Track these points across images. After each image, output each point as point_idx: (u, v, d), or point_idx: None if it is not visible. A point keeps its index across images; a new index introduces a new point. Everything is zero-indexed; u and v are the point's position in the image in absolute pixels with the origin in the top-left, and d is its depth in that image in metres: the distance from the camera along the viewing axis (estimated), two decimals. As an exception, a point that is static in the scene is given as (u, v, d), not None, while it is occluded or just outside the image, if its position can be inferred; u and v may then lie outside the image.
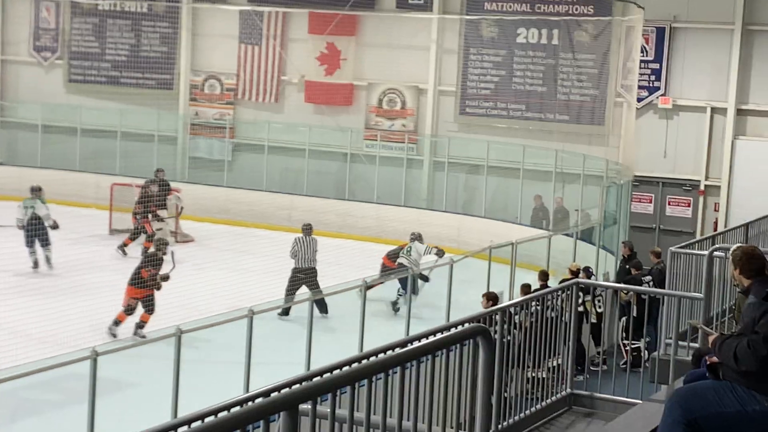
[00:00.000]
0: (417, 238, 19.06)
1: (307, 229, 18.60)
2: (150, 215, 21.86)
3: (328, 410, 3.85)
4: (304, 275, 17.77)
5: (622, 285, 14.87)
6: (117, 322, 15.73)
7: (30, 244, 19.79)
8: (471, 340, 4.78)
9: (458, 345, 4.68)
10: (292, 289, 17.43)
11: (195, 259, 21.03)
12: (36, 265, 19.89)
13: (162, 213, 22.62)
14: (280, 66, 27.53)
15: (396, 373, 4.23)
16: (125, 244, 21.59)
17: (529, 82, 25.09)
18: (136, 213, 22.23)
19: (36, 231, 19.74)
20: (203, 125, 28.25)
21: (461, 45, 25.68)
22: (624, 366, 13.14)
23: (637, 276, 16.79)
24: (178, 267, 17.74)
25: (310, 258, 18.08)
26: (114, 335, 15.32)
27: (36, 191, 20.31)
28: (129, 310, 15.89)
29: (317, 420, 3.96)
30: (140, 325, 15.76)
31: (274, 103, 27.68)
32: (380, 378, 4.16)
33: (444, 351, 4.62)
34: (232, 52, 27.84)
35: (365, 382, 3.96)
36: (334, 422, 3.75)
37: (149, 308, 15.92)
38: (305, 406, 3.63)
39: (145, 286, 16.01)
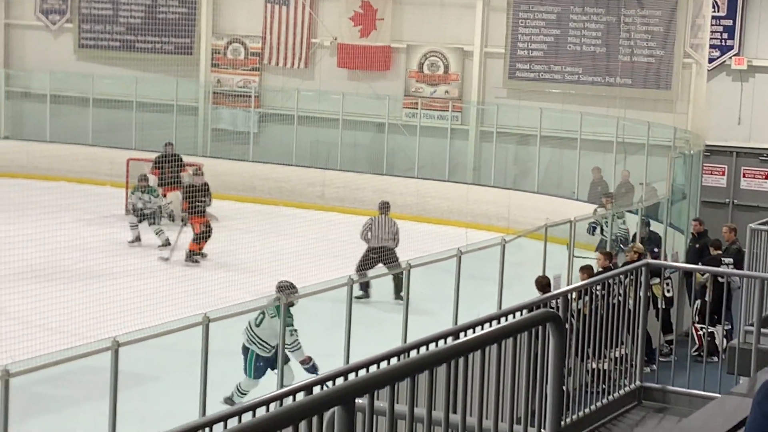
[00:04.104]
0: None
1: (385, 208, 19.08)
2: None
3: (382, 404, 3.83)
4: (377, 255, 18.13)
5: (698, 266, 14.68)
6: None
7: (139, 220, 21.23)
8: (531, 330, 4.76)
9: (525, 332, 4.64)
10: (362, 268, 17.82)
11: (219, 241, 21.10)
12: (137, 239, 21.20)
13: (176, 192, 22.61)
14: (310, 28, 27.50)
15: (451, 364, 4.21)
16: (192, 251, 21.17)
17: (587, 42, 24.91)
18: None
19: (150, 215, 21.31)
20: (226, 94, 28.30)
21: (510, 2, 25.53)
22: (695, 354, 13.06)
23: (717, 256, 16.64)
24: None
25: (386, 238, 18.51)
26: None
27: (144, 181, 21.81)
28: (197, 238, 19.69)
29: (358, 416, 3.94)
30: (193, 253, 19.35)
31: (304, 68, 27.67)
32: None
33: (504, 340, 4.60)
34: (257, 13, 27.84)
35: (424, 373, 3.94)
36: (393, 417, 3.73)
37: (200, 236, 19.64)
38: (360, 401, 3.61)
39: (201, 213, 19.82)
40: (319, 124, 27.10)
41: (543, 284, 13.29)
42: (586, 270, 14.51)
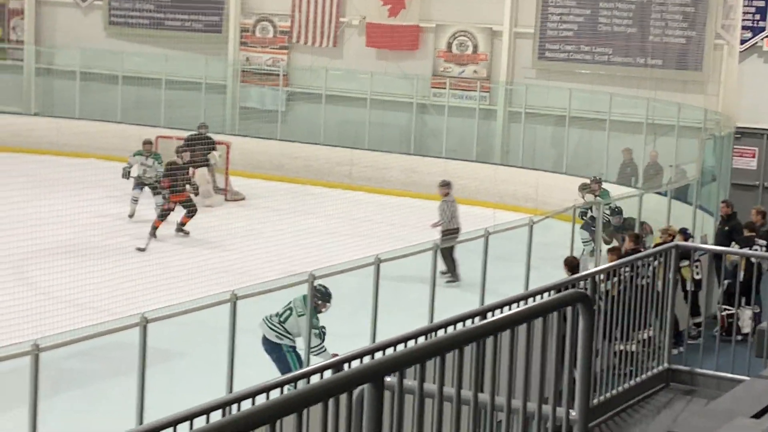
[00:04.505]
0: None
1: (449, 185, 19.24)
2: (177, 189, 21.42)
3: (410, 383, 3.82)
4: (454, 237, 18.10)
5: (728, 249, 14.58)
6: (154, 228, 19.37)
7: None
8: (560, 310, 4.74)
9: (554, 312, 4.62)
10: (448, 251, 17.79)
11: (246, 219, 21.15)
12: (132, 215, 21.40)
13: (202, 170, 22.68)
14: (338, 6, 27.44)
15: (480, 343, 4.20)
16: (155, 227, 20.86)
17: (617, 23, 24.75)
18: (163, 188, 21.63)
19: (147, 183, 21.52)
20: (254, 72, 28.31)
21: (541, -19, 25.40)
22: (721, 335, 12.99)
23: (751, 237, 16.54)
24: (226, 226, 17.93)
25: (458, 218, 18.68)
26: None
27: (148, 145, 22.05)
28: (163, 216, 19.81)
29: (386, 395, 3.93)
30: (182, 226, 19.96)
31: (332, 47, 27.62)
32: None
33: (533, 319, 4.58)
34: (286, -9, 27.82)
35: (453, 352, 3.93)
36: (423, 396, 3.72)
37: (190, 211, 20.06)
38: (389, 379, 3.60)
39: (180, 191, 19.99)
40: (347, 103, 27.07)
41: (573, 265, 13.25)
42: (615, 251, 14.45)
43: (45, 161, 24.91)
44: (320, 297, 12.21)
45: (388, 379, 3.49)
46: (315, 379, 5.98)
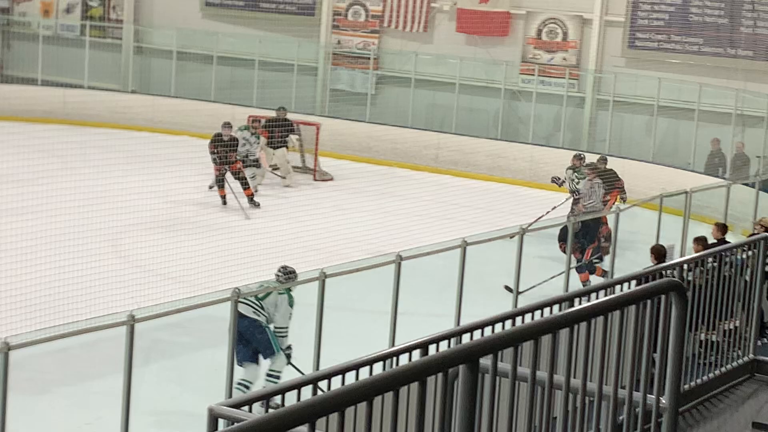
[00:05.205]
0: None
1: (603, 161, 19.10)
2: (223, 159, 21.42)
3: (504, 366, 3.80)
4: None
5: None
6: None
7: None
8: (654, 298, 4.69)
9: (648, 300, 4.58)
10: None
11: (333, 199, 21.24)
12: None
13: (281, 151, 22.89)
14: (430, -9, 27.38)
15: (574, 329, 4.17)
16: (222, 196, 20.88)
17: (708, 13, 24.35)
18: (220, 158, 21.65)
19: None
20: (345, 55, 28.37)
21: (633, -30, 25.09)
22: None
23: None
24: (314, 207, 18.00)
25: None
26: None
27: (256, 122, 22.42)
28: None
29: (484, 378, 3.92)
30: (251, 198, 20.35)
31: (423, 32, 27.57)
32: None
33: (627, 306, 4.54)
34: (379, -24, 27.83)
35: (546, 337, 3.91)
36: (515, 380, 3.70)
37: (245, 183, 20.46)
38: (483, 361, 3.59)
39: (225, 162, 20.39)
40: (436, 87, 27.03)
41: (660, 253, 13.06)
42: (701, 241, 14.24)
43: (140, 137, 25.24)
44: (295, 276, 11.67)
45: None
46: (404, 359, 5.97)
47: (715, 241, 14.56)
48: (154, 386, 11.59)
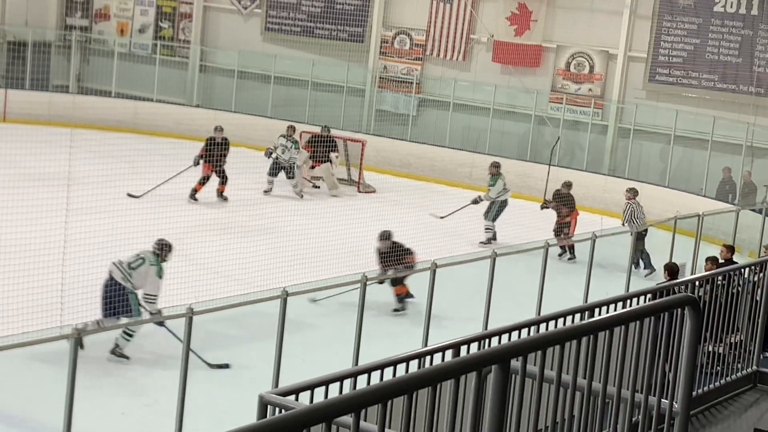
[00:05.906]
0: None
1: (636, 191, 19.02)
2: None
3: (532, 368, 3.79)
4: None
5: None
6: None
7: (274, 173, 22.27)
8: (671, 311, 4.66)
9: (664, 312, 4.54)
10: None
11: (375, 209, 21.22)
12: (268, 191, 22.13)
13: (325, 165, 23.10)
14: (470, 25, 27.37)
15: (598, 336, 4.15)
16: (195, 190, 20.78)
17: (724, 53, 24.18)
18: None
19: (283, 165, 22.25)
20: (391, 79, 28.40)
21: (655, 11, 24.93)
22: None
23: None
24: (357, 216, 17.98)
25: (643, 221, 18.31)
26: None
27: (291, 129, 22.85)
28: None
29: (510, 379, 3.90)
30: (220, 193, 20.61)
31: (462, 61, 27.56)
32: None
33: (645, 318, 4.51)
34: (423, 9, 27.83)
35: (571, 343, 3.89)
36: (542, 381, 3.69)
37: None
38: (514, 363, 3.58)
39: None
40: (472, 111, 26.99)
41: (674, 270, 12.98)
42: (713, 261, 14.13)
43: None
44: (169, 249, 12.56)
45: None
46: (437, 358, 5.95)
47: (723, 261, 14.46)
48: (208, 375, 11.63)
